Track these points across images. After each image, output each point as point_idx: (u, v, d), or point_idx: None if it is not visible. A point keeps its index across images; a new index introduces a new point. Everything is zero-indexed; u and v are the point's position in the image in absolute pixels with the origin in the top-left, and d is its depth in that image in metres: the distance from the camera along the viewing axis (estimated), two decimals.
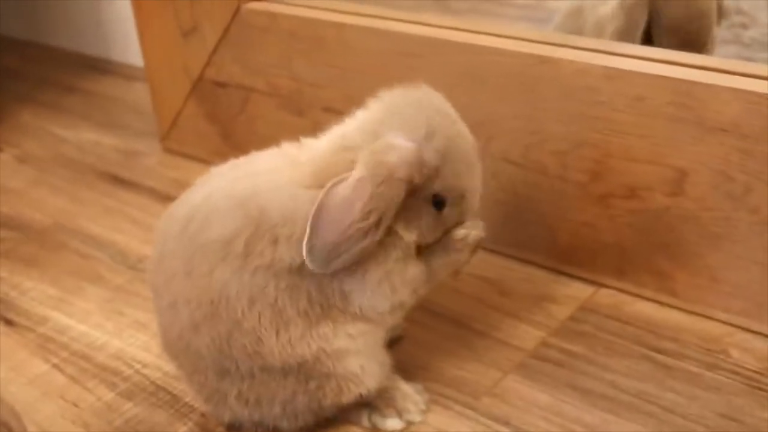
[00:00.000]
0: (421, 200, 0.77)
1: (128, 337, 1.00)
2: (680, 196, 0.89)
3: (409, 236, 0.77)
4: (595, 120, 0.92)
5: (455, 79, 0.99)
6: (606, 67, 0.89)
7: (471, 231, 0.82)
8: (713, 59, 0.90)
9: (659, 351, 0.90)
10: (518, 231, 1.03)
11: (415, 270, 0.79)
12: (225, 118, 1.28)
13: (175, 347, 0.82)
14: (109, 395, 0.92)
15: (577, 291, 1.00)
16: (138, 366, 0.96)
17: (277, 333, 0.77)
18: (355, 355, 0.80)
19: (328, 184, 0.73)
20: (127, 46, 1.72)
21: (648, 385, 0.86)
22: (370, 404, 0.85)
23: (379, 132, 0.76)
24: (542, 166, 0.98)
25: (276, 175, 0.79)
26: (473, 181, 0.80)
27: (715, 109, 0.84)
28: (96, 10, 1.78)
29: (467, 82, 0.99)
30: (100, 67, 1.79)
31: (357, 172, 0.73)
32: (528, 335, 0.94)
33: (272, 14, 1.16)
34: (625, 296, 0.98)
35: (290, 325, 0.76)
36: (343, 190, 0.73)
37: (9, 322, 1.05)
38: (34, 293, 1.10)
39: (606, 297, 0.98)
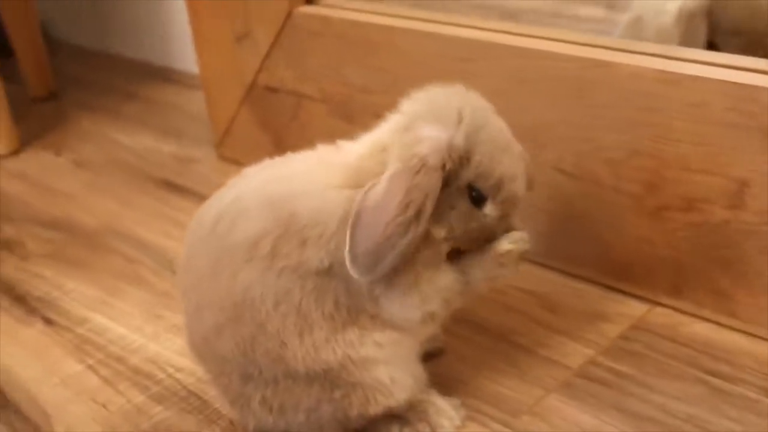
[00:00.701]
0: (454, 190, 0.73)
1: (165, 340, 0.99)
2: (740, 209, 0.84)
3: (438, 232, 0.73)
4: (651, 127, 0.87)
5: (507, 83, 0.95)
6: (662, 71, 0.85)
7: (516, 244, 0.77)
8: None
9: (715, 374, 0.84)
10: (570, 244, 0.98)
11: (447, 278, 0.75)
12: (277, 124, 1.26)
13: (200, 350, 0.79)
14: (139, 398, 0.90)
15: (630, 309, 0.94)
16: (171, 370, 0.94)
17: (301, 336, 0.73)
18: (384, 364, 0.76)
19: (365, 188, 0.70)
20: (188, 54, 1.71)
21: (700, 409, 0.80)
22: (401, 417, 0.81)
23: (411, 127, 0.73)
24: (595, 176, 0.93)
25: (308, 177, 0.76)
26: (510, 167, 0.75)
27: None
28: (160, 20, 1.79)
29: (519, 87, 0.95)
30: (163, 75, 1.80)
31: (390, 169, 0.71)
32: (575, 353, 0.89)
33: (324, 18, 1.14)
34: (681, 316, 0.92)
35: (314, 329, 0.73)
36: (379, 189, 0.70)
37: (48, 321, 1.04)
38: (76, 294, 1.09)
39: (660, 316, 0.93)
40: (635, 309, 0.94)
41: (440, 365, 0.89)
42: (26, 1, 1.68)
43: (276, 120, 1.26)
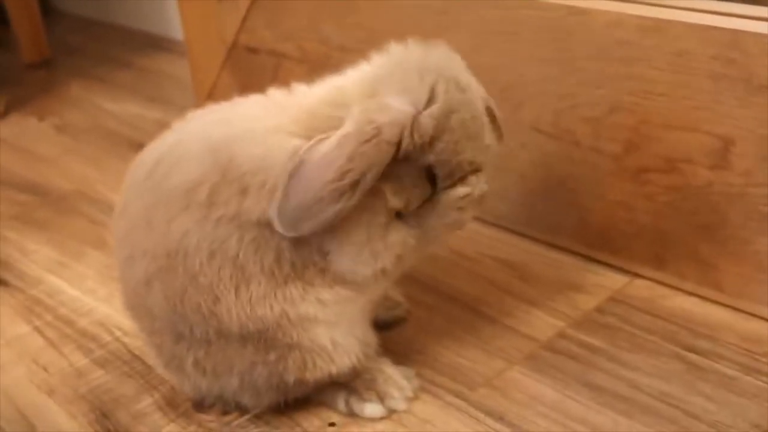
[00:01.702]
0: (414, 170, 0.67)
1: (117, 303, 0.92)
2: (724, 169, 0.77)
3: (396, 202, 0.67)
4: (631, 80, 0.80)
5: (484, 36, 0.89)
6: (642, 17, 0.78)
7: (475, 187, 0.69)
8: (765, 8, 0.77)
9: (692, 350, 0.78)
10: (547, 211, 0.92)
11: (399, 234, 0.69)
12: (258, 87, 1.19)
13: (132, 304, 0.74)
14: (82, 361, 0.85)
15: (608, 280, 0.88)
16: (119, 333, 0.89)
17: (237, 291, 0.68)
18: (326, 325, 0.70)
19: (312, 141, 0.64)
20: None
21: (674, 386, 0.74)
22: (347, 386, 0.75)
23: (379, 90, 0.66)
24: (574, 136, 0.86)
25: (255, 123, 0.70)
26: (474, 157, 0.68)
27: (766, 63, 0.71)
28: None
29: (496, 40, 0.88)
30: (159, 44, 1.75)
31: (343, 129, 0.64)
32: (544, 325, 0.83)
33: None
34: (662, 288, 0.85)
35: (251, 283, 0.67)
36: (325, 146, 0.64)
37: (3, 283, 1.00)
38: (36, 256, 1.05)
39: (640, 288, 0.86)
40: (614, 281, 0.88)
41: (399, 334, 0.83)
42: None
43: (256, 82, 1.20)
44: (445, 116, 0.66)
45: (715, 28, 0.74)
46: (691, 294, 0.84)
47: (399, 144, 0.64)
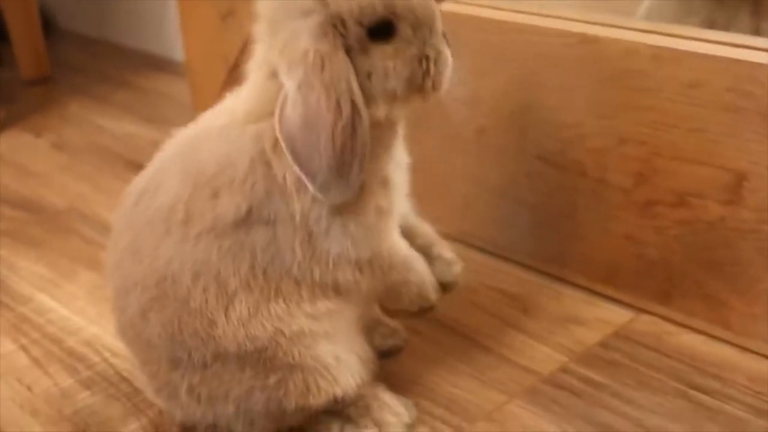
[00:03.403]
0: (359, 53, 0.62)
1: (107, 324, 0.90)
2: (737, 204, 0.75)
3: (378, 110, 0.64)
4: (642, 111, 0.78)
5: (490, 61, 0.87)
6: (656, 47, 0.76)
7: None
8: None
9: (700, 389, 0.75)
10: (551, 242, 0.90)
11: (393, 230, 0.68)
12: None
13: (127, 335, 0.72)
14: (67, 382, 0.83)
15: (613, 315, 0.85)
16: (107, 354, 0.86)
17: (226, 311, 0.66)
18: (326, 339, 0.68)
19: (274, 113, 0.62)
20: None
21: (681, 426, 0.71)
22: (342, 414, 0.72)
23: (277, 29, 0.63)
24: (581, 166, 0.84)
25: (210, 128, 0.69)
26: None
27: None
28: (160, 10, 1.74)
29: (502, 66, 0.87)
30: (158, 64, 1.74)
31: (290, 84, 0.61)
32: (546, 358, 0.81)
33: None
34: (668, 325, 0.83)
35: (236, 301, 0.65)
36: (294, 108, 0.61)
37: None
38: (26, 273, 1.02)
39: (646, 324, 0.84)
40: (619, 315, 0.85)
41: (396, 363, 0.81)
42: None
43: None
44: None
45: (731, 60, 0.72)
46: (698, 331, 0.81)
47: (341, 41, 0.61)
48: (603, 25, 0.81)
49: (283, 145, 0.61)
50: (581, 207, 0.85)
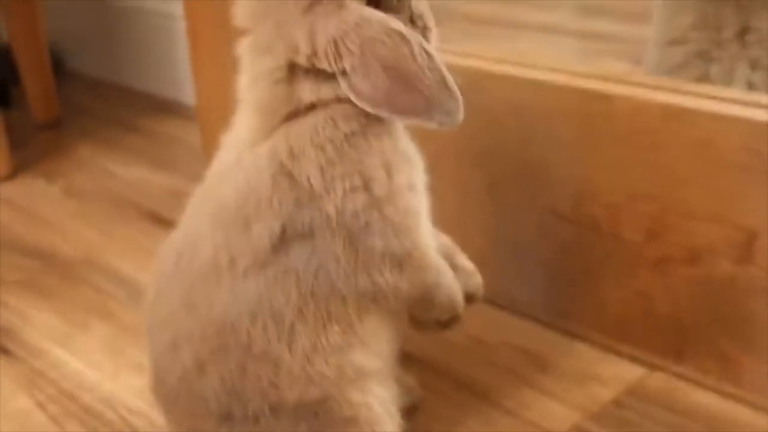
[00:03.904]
0: None
1: (123, 379, 0.91)
2: (748, 263, 0.75)
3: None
4: (654, 168, 0.79)
5: (505, 116, 0.88)
6: (667, 105, 0.77)
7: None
8: None
9: None
10: (564, 297, 0.90)
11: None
12: None
13: (173, 393, 0.70)
14: None
15: (626, 371, 0.86)
16: (124, 412, 0.87)
17: (290, 347, 0.65)
18: (377, 381, 0.68)
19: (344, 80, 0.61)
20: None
21: None
22: None
23: (284, 32, 0.63)
24: (594, 222, 0.85)
25: (223, 163, 0.69)
26: None
27: None
28: (169, 53, 1.75)
29: (517, 120, 0.88)
30: (168, 108, 1.75)
31: (340, 64, 0.61)
32: (561, 417, 0.81)
33: None
34: (680, 382, 0.83)
35: (295, 334, 0.64)
36: (367, 75, 0.61)
37: (6, 352, 0.98)
38: (40, 324, 1.03)
39: (659, 381, 0.84)
40: (631, 372, 0.85)
41: (411, 422, 0.80)
42: (35, 29, 1.66)
43: None
44: None
45: (740, 119, 0.73)
46: (711, 389, 0.81)
47: None
48: (614, 81, 0.82)
49: (385, 116, 0.61)
50: (594, 262, 0.86)
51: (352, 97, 0.61)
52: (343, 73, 0.61)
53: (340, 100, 0.63)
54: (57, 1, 1.96)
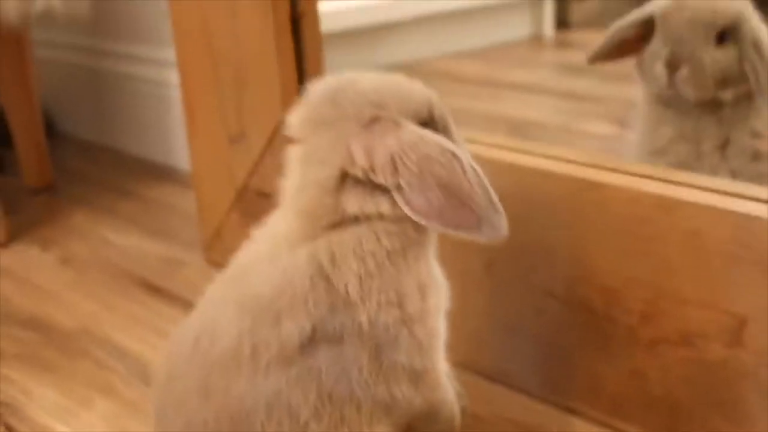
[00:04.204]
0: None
1: None
2: (739, 347, 0.78)
3: None
4: (646, 255, 0.82)
5: (502, 201, 0.89)
6: (659, 196, 0.80)
7: None
8: None
9: None
10: (559, 374, 0.93)
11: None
12: None
13: None
14: None
15: None
16: None
17: None
18: None
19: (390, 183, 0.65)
20: (188, 153, 1.70)
21: None
22: None
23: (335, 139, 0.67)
24: (589, 304, 0.88)
25: (257, 254, 0.71)
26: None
27: None
28: (162, 118, 1.78)
29: (514, 205, 0.90)
30: (161, 173, 1.77)
31: (397, 180, 0.65)
32: None
33: None
34: None
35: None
36: (422, 190, 0.65)
37: (9, 429, 0.98)
38: (42, 400, 1.04)
39: None
40: None
41: None
42: (28, 92, 1.67)
43: None
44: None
45: (731, 212, 0.76)
46: None
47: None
48: (608, 170, 0.86)
49: (437, 228, 0.66)
50: (589, 341, 0.89)
51: (407, 211, 0.66)
52: (398, 187, 0.65)
53: (382, 216, 0.67)
54: (47, 64, 1.99)
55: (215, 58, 1.22)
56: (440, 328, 0.71)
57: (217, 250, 1.33)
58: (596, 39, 1.07)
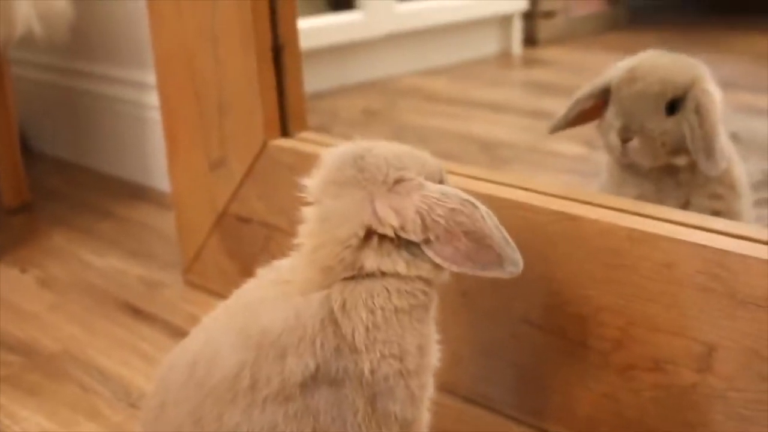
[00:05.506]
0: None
1: None
2: (708, 372, 0.82)
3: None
4: (619, 285, 0.86)
5: None
6: (632, 229, 0.84)
7: None
8: (749, 227, 0.85)
9: None
10: (535, 396, 0.96)
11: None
12: (246, 255, 1.25)
13: None
14: None
15: None
16: None
17: None
18: None
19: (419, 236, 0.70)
20: (166, 174, 1.71)
21: None
22: None
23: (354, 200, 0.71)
24: (562, 330, 0.91)
25: (270, 291, 0.74)
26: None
27: (748, 281, 0.78)
28: (140, 137, 1.79)
29: None
30: (139, 193, 1.79)
31: (426, 234, 0.71)
32: None
33: (298, 152, 1.13)
34: None
35: None
36: (449, 241, 0.71)
37: None
38: (28, 424, 1.05)
39: None
40: None
41: None
42: (6, 112, 1.68)
43: (246, 250, 1.25)
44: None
45: (702, 245, 0.80)
46: None
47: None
48: (582, 202, 0.90)
49: (466, 272, 0.71)
50: (563, 366, 0.92)
51: (438, 261, 0.71)
52: (427, 242, 0.70)
53: (397, 275, 0.71)
54: (24, 83, 1.99)
55: (196, 84, 1.25)
56: (430, 382, 0.75)
57: (197, 273, 1.35)
58: (563, 56, 1.10)
